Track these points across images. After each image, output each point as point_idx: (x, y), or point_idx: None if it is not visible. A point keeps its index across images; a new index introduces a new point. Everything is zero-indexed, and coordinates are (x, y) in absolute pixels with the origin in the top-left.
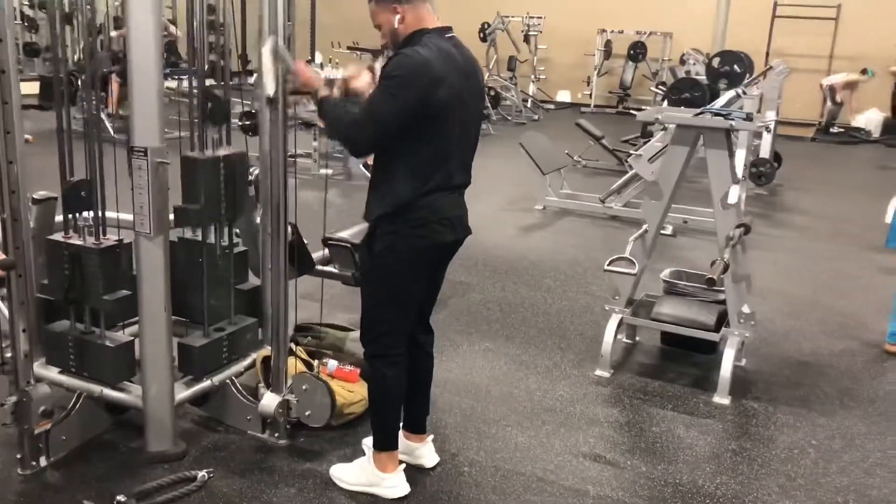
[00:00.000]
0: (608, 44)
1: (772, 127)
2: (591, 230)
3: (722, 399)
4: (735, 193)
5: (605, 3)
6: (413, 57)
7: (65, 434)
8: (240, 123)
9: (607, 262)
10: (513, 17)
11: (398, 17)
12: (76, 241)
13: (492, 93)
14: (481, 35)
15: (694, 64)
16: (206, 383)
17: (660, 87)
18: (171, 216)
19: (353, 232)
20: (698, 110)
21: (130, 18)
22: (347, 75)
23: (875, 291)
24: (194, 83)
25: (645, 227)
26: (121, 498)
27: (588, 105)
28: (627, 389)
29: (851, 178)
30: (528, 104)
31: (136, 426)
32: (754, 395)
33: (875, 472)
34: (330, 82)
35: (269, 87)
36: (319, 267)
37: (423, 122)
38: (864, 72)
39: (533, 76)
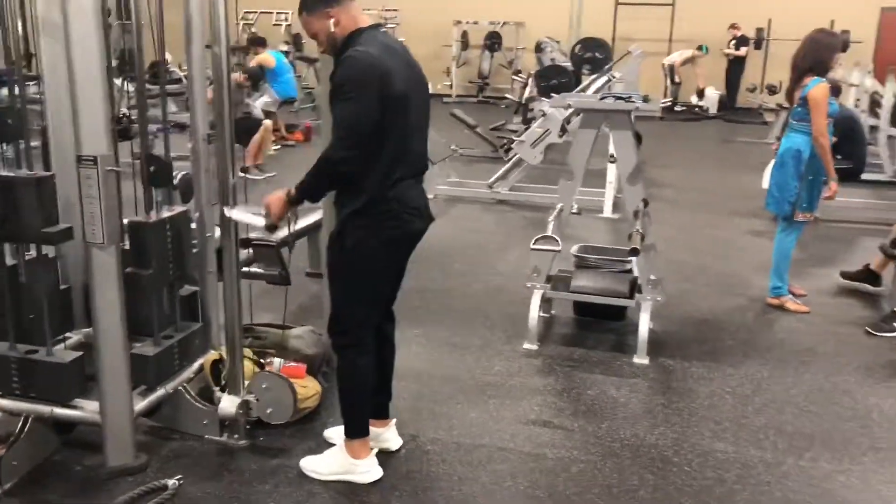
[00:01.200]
0: (464, 35)
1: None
2: (484, 215)
3: (641, 359)
4: (613, 172)
5: None
6: (358, 57)
7: (15, 459)
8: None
9: (533, 242)
10: (368, 10)
11: (332, 20)
12: (5, 172)
13: None
14: None
15: (552, 51)
16: (160, 392)
17: (518, 75)
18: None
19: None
20: (601, 96)
21: (71, 26)
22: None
23: (748, 252)
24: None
25: (560, 206)
26: None
27: (450, 95)
28: (556, 359)
29: (702, 152)
30: None
31: (85, 443)
32: (668, 353)
33: (785, 409)
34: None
35: (260, 222)
36: (245, 268)
37: (386, 117)
38: (699, 48)
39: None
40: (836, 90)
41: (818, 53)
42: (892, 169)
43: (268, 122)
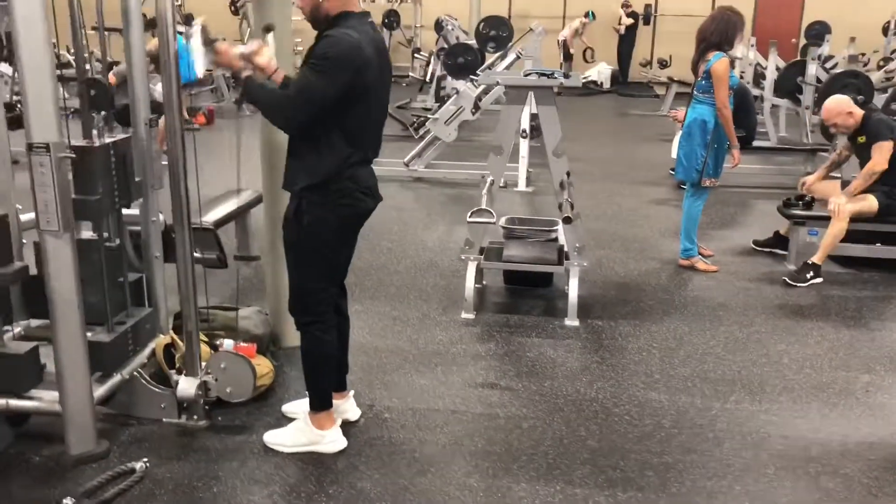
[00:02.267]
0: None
1: None
2: (402, 193)
3: (572, 322)
4: (526, 147)
5: None
6: (346, 39)
7: None
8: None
9: (469, 215)
10: None
11: None
12: None
13: None
14: (232, 8)
15: (452, 29)
16: (117, 378)
17: (419, 53)
18: None
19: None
20: (527, 71)
21: (16, 12)
22: (248, 51)
23: (654, 219)
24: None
25: (490, 179)
26: (67, 501)
27: None
28: (493, 326)
29: (601, 125)
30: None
31: (38, 434)
32: (596, 315)
33: (706, 359)
34: (246, 59)
35: (200, 69)
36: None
37: (350, 100)
38: (586, 15)
39: (293, 49)
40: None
41: (727, 31)
42: (776, 136)
43: None
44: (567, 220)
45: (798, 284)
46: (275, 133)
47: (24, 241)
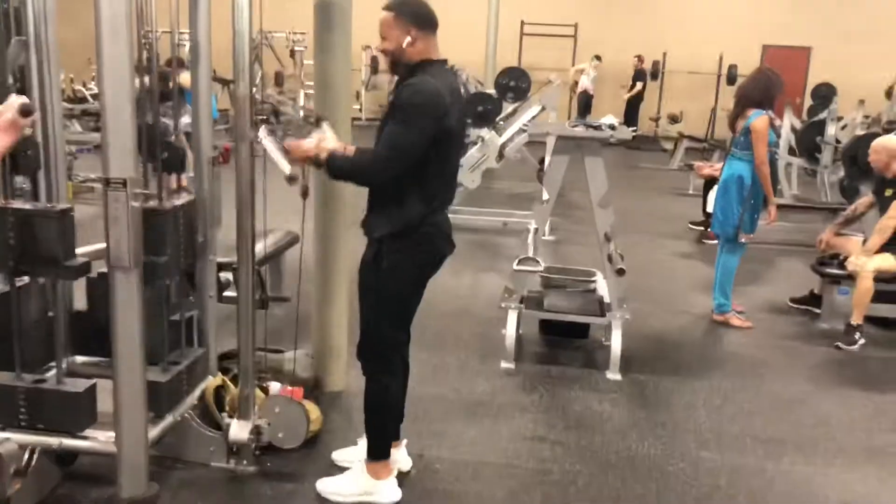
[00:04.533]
0: (374, 60)
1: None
2: None
3: (615, 375)
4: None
5: (364, 19)
6: (427, 88)
7: (24, 494)
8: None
9: (515, 263)
10: (276, 33)
11: (409, 39)
12: (23, 205)
13: (270, 108)
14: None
15: (467, 79)
16: (169, 419)
17: None
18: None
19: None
20: (573, 123)
21: (102, 51)
22: (315, 141)
23: (680, 272)
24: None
25: (534, 227)
26: None
27: (360, 118)
28: (535, 377)
29: (613, 176)
30: (306, 119)
31: (86, 476)
32: (637, 369)
33: (754, 418)
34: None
35: (286, 168)
36: (227, 293)
37: (435, 148)
38: (596, 57)
39: (302, 91)
40: None
41: (769, 90)
42: (790, 193)
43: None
44: (620, 272)
45: (850, 348)
46: None
47: None
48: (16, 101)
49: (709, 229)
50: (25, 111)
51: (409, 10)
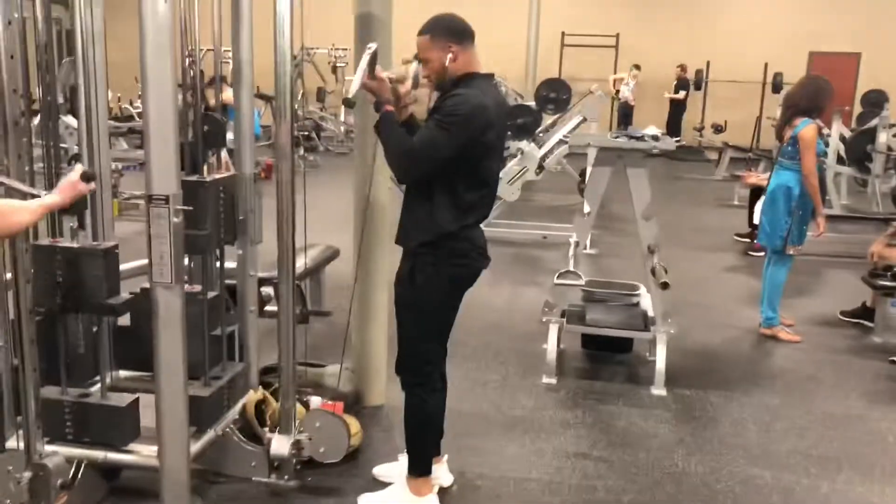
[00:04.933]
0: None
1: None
2: None
3: (660, 391)
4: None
5: (403, 33)
6: (473, 100)
7: None
8: None
9: (556, 276)
10: (318, 49)
11: (450, 56)
12: (70, 243)
13: (312, 124)
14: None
15: (506, 91)
16: (211, 434)
17: None
18: None
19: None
20: (614, 134)
21: (146, 69)
22: (395, 76)
23: (726, 285)
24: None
25: (575, 240)
26: None
27: None
28: (577, 392)
29: (656, 188)
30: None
31: (129, 489)
32: (682, 384)
33: (806, 435)
34: (392, 82)
35: (353, 88)
36: (268, 308)
37: (472, 161)
38: (636, 67)
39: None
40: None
41: (818, 98)
42: (839, 204)
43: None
44: (664, 286)
45: None
46: (368, 188)
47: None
48: (80, 168)
49: (755, 241)
50: (87, 177)
51: (444, 27)
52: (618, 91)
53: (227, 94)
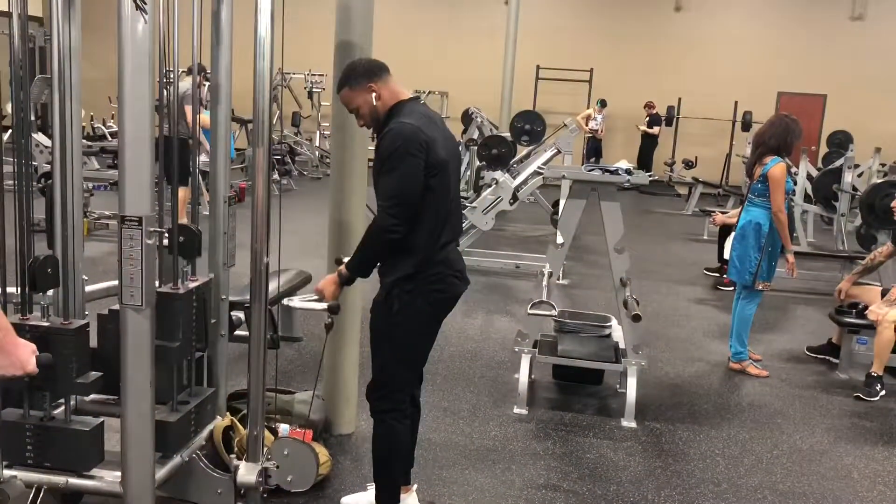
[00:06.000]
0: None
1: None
2: None
3: (630, 423)
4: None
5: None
6: (401, 129)
7: None
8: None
9: (529, 307)
10: (294, 73)
11: (374, 94)
12: (40, 322)
13: (286, 148)
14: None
15: (481, 121)
16: (177, 460)
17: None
18: None
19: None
20: (589, 167)
21: (124, 89)
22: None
23: (695, 319)
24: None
25: (549, 271)
26: None
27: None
28: (548, 423)
29: (627, 222)
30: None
31: None
32: (652, 416)
33: (773, 470)
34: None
35: (324, 304)
36: (238, 332)
37: (429, 182)
38: (597, 103)
39: (319, 132)
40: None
41: (787, 136)
42: (806, 241)
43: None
44: (636, 318)
45: (870, 399)
46: (343, 213)
47: (87, 312)
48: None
49: (724, 276)
50: (42, 363)
51: (357, 74)
52: (591, 129)
53: (205, 117)
